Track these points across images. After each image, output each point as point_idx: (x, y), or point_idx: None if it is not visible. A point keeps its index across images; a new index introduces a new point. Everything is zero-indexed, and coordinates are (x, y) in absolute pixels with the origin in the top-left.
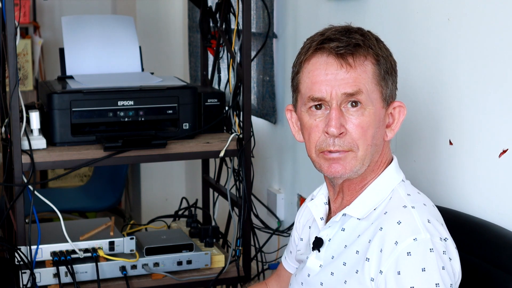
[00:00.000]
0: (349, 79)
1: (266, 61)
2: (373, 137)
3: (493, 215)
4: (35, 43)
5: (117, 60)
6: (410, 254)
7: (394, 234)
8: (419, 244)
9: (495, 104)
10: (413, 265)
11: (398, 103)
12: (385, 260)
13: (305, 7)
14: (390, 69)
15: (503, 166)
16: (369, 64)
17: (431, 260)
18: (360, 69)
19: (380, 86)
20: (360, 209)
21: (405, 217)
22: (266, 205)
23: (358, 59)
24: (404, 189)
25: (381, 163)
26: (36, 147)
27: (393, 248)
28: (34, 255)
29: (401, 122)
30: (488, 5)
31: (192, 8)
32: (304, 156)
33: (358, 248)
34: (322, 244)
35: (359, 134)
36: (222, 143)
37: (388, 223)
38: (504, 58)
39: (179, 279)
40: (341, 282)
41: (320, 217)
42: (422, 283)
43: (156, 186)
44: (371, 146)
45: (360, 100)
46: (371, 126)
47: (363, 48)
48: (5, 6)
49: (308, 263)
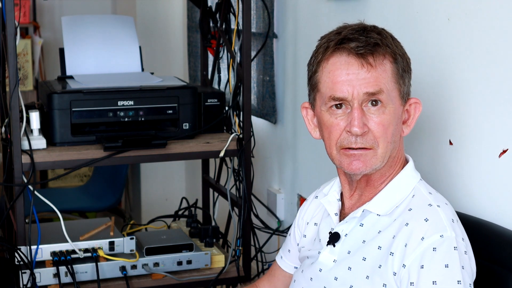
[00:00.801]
0: (370, 78)
1: (266, 61)
2: (392, 134)
3: (493, 215)
4: (35, 43)
5: (117, 60)
6: (435, 249)
7: (420, 230)
8: (444, 241)
9: (495, 104)
10: (437, 260)
11: (414, 99)
12: (409, 254)
13: (305, 7)
14: (407, 67)
15: (503, 166)
16: (388, 63)
17: (454, 258)
18: (380, 68)
19: (399, 84)
20: (383, 206)
21: (432, 215)
22: (266, 205)
23: (378, 59)
24: (425, 187)
25: (398, 160)
26: (36, 147)
27: (418, 243)
28: (34, 255)
29: (417, 118)
30: (488, 5)
31: (191, 8)
32: (304, 156)
33: (380, 243)
34: (339, 239)
35: (380, 132)
36: (222, 143)
37: (415, 220)
38: (504, 58)
39: (179, 279)
40: (362, 277)
41: (335, 213)
42: (445, 278)
43: (156, 186)
44: (390, 143)
45: (381, 99)
46: (391, 124)
47: (382, 47)
48: (5, 6)
49: (321, 258)
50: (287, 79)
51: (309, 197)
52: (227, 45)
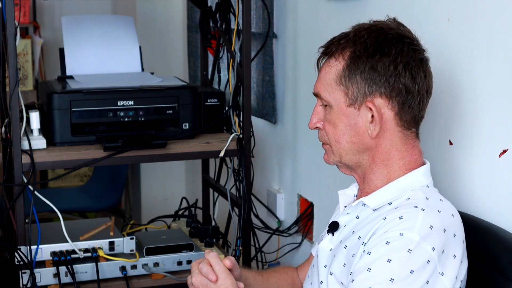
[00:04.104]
0: (318, 80)
1: (266, 61)
2: (343, 134)
3: (493, 215)
4: (35, 43)
5: (117, 60)
6: (388, 243)
7: (389, 225)
8: (401, 239)
9: (495, 104)
10: (382, 252)
11: (374, 101)
12: (370, 243)
13: (305, 7)
14: (372, 70)
15: (503, 166)
16: (338, 64)
17: (401, 258)
18: (324, 70)
19: (344, 86)
20: (375, 200)
21: (409, 215)
22: (266, 205)
23: (329, 61)
24: (425, 192)
25: (391, 160)
26: (36, 147)
27: (380, 235)
28: (34, 255)
29: (383, 120)
30: (488, 5)
31: (191, 8)
32: (304, 156)
33: (361, 234)
34: (337, 228)
35: (328, 130)
36: (222, 143)
37: (392, 216)
38: (504, 58)
39: (179, 279)
40: (340, 265)
41: (345, 205)
42: (379, 271)
43: (156, 186)
44: (339, 142)
45: (325, 100)
46: (339, 124)
47: (340, 46)
48: (5, 6)
49: (320, 246)
50: (287, 79)
51: None
52: (227, 45)
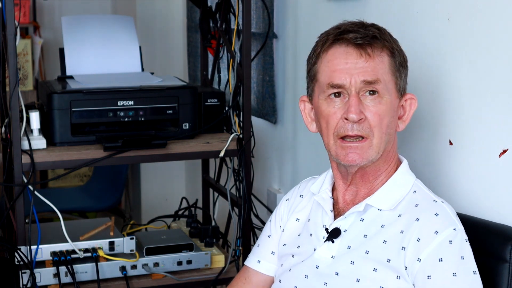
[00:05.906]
0: (368, 68)
1: (266, 61)
2: (387, 126)
3: (493, 215)
4: (35, 43)
5: (117, 60)
6: (451, 242)
7: (433, 225)
8: (457, 234)
9: (495, 104)
10: (454, 253)
11: (410, 95)
12: (424, 249)
13: (305, 7)
14: (403, 62)
15: (503, 166)
16: (385, 55)
17: (467, 250)
18: (378, 59)
19: (395, 77)
20: (386, 201)
21: (440, 210)
22: (266, 205)
23: (375, 50)
24: (423, 185)
25: (392, 156)
26: (36, 147)
27: (433, 238)
28: (34, 255)
29: (412, 114)
30: (488, 5)
31: (191, 8)
32: (304, 156)
33: (385, 237)
34: (339, 235)
35: (376, 121)
36: (222, 143)
37: (426, 215)
38: (504, 58)
39: (179, 279)
40: (369, 270)
41: (330, 209)
42: (463, 270)
43: (156, 186)
44: (385, 134)
45: (378, 89)
46: (387, 115)
47: (380, 40)
48: (5, 6)
49: (317, 255)
50: (287, 79)
51: (288, 194)
52: (227, 45)
